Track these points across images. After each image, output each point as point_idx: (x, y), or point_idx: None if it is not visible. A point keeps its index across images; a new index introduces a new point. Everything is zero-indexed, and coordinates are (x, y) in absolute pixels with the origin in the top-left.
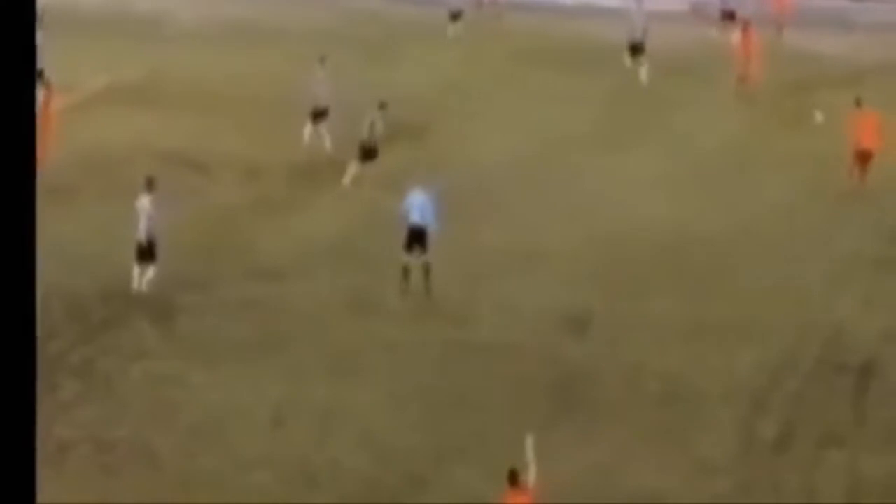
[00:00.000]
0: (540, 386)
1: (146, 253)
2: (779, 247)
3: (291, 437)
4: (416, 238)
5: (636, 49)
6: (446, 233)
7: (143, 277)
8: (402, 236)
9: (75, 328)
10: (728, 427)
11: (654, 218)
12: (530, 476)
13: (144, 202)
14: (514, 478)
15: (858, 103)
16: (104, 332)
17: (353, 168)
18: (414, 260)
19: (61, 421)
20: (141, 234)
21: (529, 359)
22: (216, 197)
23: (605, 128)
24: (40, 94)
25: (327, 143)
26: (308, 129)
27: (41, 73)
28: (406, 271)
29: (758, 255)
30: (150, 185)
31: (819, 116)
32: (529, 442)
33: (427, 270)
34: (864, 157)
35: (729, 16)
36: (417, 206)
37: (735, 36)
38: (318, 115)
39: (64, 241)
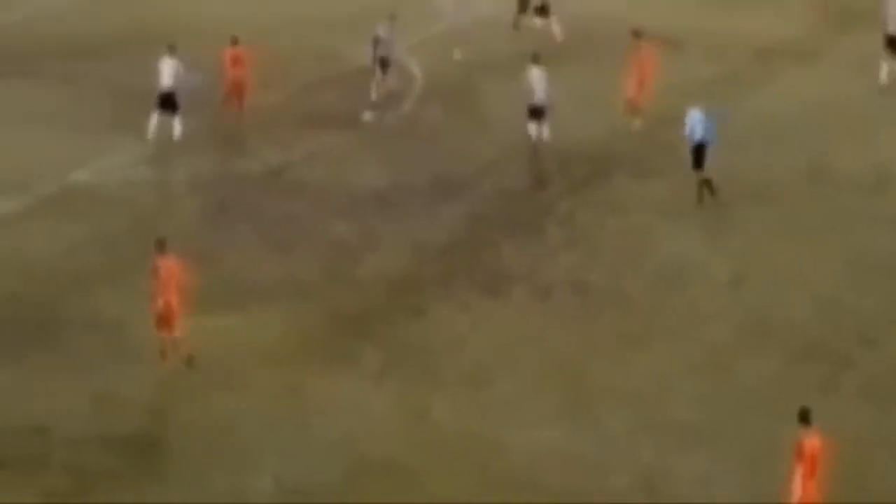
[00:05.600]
0: None
1: None
2: None
3: (748, 294)
4: (700, 154)
5: None
6: None
7: None
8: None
9: (561, 182)
10: None
11: None
12: None
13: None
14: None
15: None
16: (586, 187)
17: None
18: (699, 175)
19: (547, 263)
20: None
21: None
22: (686, 71)
23: None
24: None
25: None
26: None
27: None
28: (701, 187)
29: None
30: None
31: None
32: None
33: (709, 185)
34: None
35: None
36: (699, 125)
37: None
38: None
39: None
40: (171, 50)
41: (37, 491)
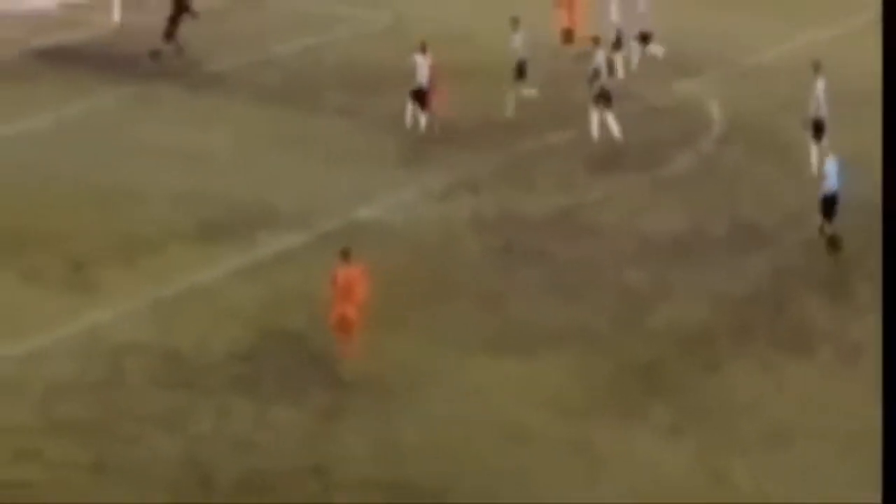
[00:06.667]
0: None
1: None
2: None
3: None
4: (831, 205)
5: None
6: None
7: None
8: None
9: (873, 235)
10: None
11: None
12: None
13: None
14: None
15: None
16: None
17: None
18: (828, 227)
19: (856, 323)
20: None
21: None
22: None
23: None
24: None
25: None
26: None
27: None
28: (832, 239)
29: None
30: None
31: None
32: None
33: (834, 241)
34: None
35: None
36: (835, 176)
37: None
38: None
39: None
40: (423, 48)
41: None
